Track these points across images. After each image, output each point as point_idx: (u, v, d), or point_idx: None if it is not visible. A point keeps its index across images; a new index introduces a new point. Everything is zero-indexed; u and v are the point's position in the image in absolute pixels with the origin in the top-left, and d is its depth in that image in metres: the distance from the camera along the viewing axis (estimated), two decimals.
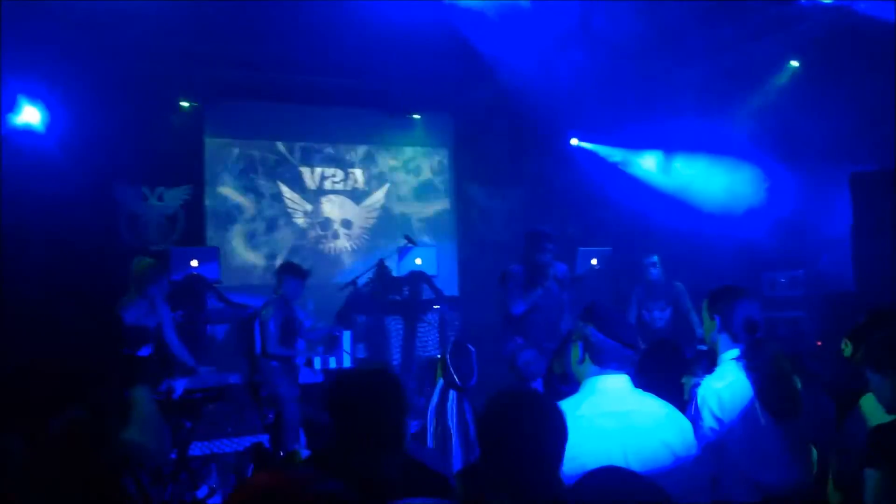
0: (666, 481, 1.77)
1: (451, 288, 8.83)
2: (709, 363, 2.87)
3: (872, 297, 5.33)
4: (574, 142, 9.26)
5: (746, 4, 6.45)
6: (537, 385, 3.67)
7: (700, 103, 7.67)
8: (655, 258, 6.39)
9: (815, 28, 6.64)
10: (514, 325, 5.33)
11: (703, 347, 3.57)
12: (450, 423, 3.49)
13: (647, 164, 9.17)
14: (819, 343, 6.12)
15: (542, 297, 5.34)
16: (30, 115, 6.89)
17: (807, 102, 7.13)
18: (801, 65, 7.65)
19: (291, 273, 5.86)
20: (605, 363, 2.31)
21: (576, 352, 2.39)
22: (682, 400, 2.87)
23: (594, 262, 7.53)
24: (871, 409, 2.64)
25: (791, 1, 6.38)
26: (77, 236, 6.82)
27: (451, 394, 3.55)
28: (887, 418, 2.43)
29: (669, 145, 8.90)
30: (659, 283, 6.37)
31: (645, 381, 2.48)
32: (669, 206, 8.39)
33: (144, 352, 5.05)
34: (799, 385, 2.66)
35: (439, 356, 3.89)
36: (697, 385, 2.71)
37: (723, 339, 2.76)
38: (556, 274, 5.47)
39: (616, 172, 9.14)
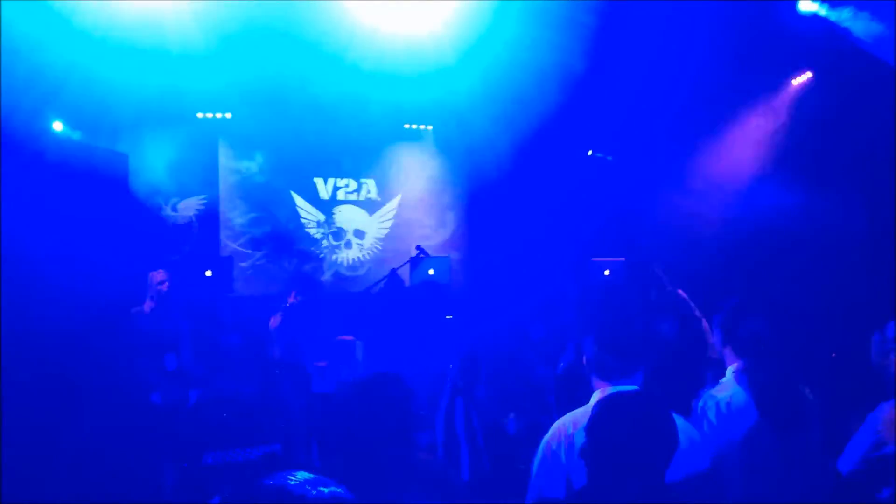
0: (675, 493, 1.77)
1: (462, 298, 8.82)
2: (718, 374, 2.86)
3: (885, 306, 5.28)
4: (590, 153, 9.29)
5: (755, 14, 6.45)
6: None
7: (709, 112, 7.65)
8: (666, 268, 6.36)
9: (824, 40, 6.62)
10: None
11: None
12: (458, 431, 3.49)
13: (657, 173, 9.13)
14: (833, 355, 6.07)
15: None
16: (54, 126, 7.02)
17: (817, 114, 7.10)
18: (811, 76, 7.63)
19: (304, 283, 5.91)
20: (608, 375, 2.33)
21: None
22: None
23: (607, 272, 7.51)
24: None
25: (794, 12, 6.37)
26: (91, 246, 6.88)
27: (458, 402, 3.55)
28: None
29: (678, 154, 8.86)
30: (670, 292, 6.33)
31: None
32: (682, 216, 8.35)
33: (169, 361, 5.09)
34: (809, 397, 2.64)
35: (450, 366, 3.91)
36: (699, 398, 2.71)
37: (728, 351, 2.76)
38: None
39: (629, 183, 9.12)
